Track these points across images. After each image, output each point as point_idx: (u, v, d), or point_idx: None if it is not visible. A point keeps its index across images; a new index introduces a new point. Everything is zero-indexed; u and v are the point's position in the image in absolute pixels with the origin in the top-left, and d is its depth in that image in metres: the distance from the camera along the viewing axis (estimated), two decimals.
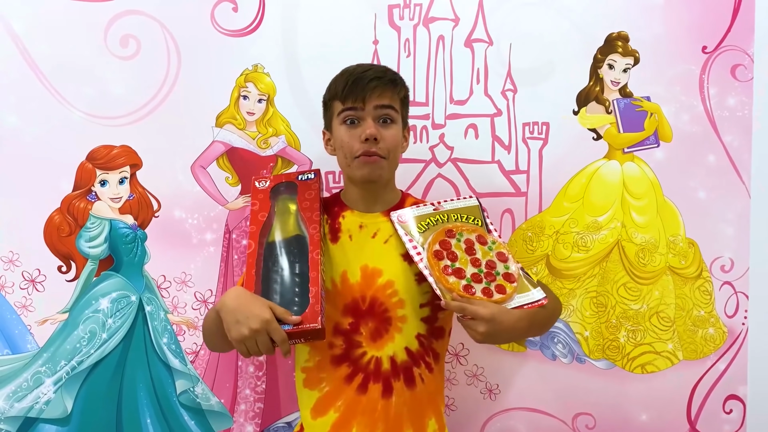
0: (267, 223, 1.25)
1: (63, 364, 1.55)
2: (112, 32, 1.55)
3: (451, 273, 1.16)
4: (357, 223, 1.30)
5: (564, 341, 1.64)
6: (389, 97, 1.25)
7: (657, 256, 1.62)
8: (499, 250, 1.23)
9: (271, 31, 1.57)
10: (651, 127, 1.61)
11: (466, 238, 1.23)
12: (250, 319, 1.05)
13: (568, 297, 1.65)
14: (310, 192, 1.29)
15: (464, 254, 1.20)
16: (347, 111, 1.24)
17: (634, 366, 1.64)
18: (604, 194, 1.62)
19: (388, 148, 1.25)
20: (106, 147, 1.56)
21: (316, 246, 1.20)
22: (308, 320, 1.08)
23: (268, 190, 1.30)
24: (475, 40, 1.60)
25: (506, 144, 1.61)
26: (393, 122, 1.26)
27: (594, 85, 1.61)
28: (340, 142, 1.26)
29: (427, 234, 1.23)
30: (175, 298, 1.59)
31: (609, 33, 1.60)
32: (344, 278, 1.26)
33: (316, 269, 1.17)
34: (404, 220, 1.25)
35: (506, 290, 1.16)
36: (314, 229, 1.23)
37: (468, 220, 1.27)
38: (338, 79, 1.27)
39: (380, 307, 1.25)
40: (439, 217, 1.26)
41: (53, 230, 1.56)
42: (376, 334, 1.25)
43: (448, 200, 1.30)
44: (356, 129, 1.24)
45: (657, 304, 1.63)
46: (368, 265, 1.27)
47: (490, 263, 1.20)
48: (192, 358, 1.60)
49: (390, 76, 1.27)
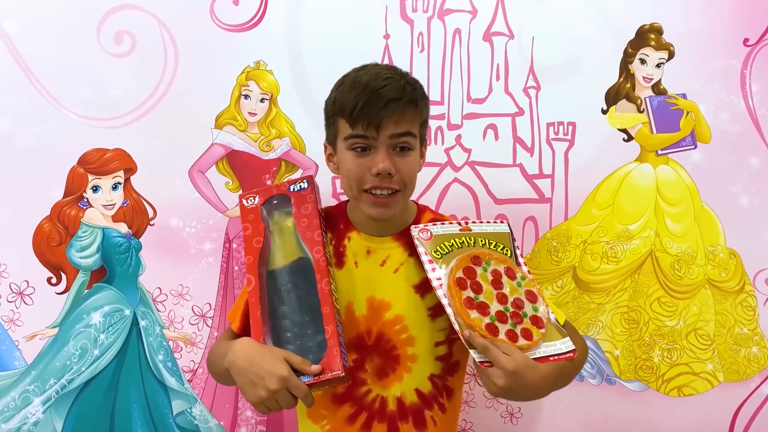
0: (264, 248, 1.12)
1: (52, 383, 1.51)
2: (105, 28, 1.50)
3: (474, 307, 1.03)
4: (364, 247, 1.17)
5: (592, 361, 1.57)
6: (409, 122, 1.08)
7: (694, 267, 1.56)
8: (528, 288, 1.09)
9: (275, 25, 1.52)
10: (687, 127, 1.56)
11: (494, 268, 1.09)
12: (265, 379, 0.96)
13: (596, 312, 1.57)
14: (306, 206, 1.13)
15: (490, 287, 1.07)
16: (356, 138, 1.07)
17: (670, 388, 1.57)
18: (636, 200, 1.56)
19: (405, 180, 1.10)
20: (98, 150, 1.52)
21: (323, 273, 1.08)
22: (329, 368, 0.99)
23: (259, 208, 1.14)
24: (495, 33, 1.54)
25: (529, 146, 1.56)
26: (411, 149, 1.10)
27: (624, 82, 1.55)
28: (345, 170, 1.11)
29: (451, 257, 1.09)
30: (171, 312, 1.54)
31: (641, 25, 1.55)
32: (349, 310, 1.15)
33: (328, 302, 1.05)
34: (426, 236, 1.11)
35: (533, 336, 1.03)
36: (318, 252, 1.09)
37: (497, 249, 1.12)
38: (346, 93, 1.07)
39: (387, 343, 1.13)
40: (466, 239, 1.12)
41: (42, 239, 1.51)
42: (381, 372, 1.13)
43: (476, 221, 1.15)
44: (366, 158, 1.08)
45: (695, 320, 1.56)
46: (375, 296, 1.14)
47: (517, 302, 1.07)
48: (189, 377, 1.55)
49: (410, 94, 1.07)
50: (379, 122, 1.05)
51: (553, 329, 1.07)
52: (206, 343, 1.55)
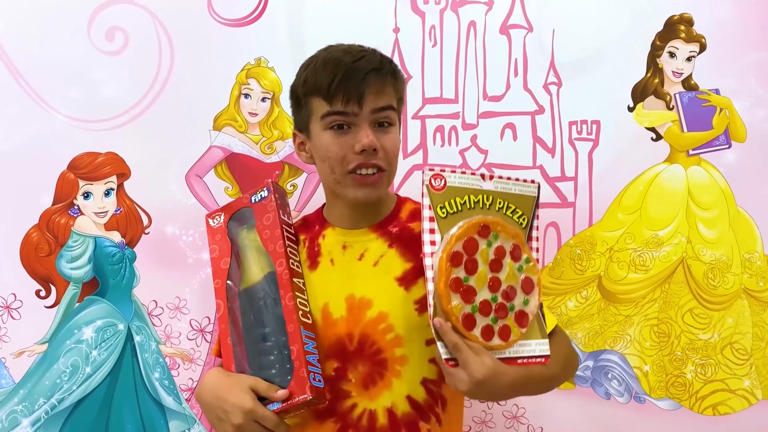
0: (235, 269, 1.10)
1: (42, 402, 1.48)
2: (96, 24, 1.48)
3: (460, 291, 0.93)
4: (340, 242, 1.12)
5: (620, 377, 1.52)
6: (389, 95, 1.05)
7: (730, 276, 1.52)
8: (528, 275, 0.99)
9: (277, 19, 1.50)
10: (721, 125, 1.52)
11: (499, 245, 0.97)
12: (230, 414, 0.96)
13: (624, 325, 1.52)
14: (267, 216, 1.10)
15: (486, 268, 0.95)
16: (335, 115, 1.03)
17: (704, 407, 1.52)
18: (666, 204, 1.52)
19: (389, 158, 1.06)
20: (89, 154, 1.50)
21: (286, 288, 1.04)
22: (296, 392, 0.97)
23: (225, 227, 1.13)
24: (513, 26, 1.51)
25: (550, 146, 1.52)
26: (392, 125, 1.07)
27: (652, 77, 1.52)
28: (324, 152, 1.06)
29: (457, 219, 0.95)
30: (168, 326, 1.51)
31: (669, 16, 1.51)
32: (326, 313, 1.07)
33: (293, 319, 1.01)
34: (439, 185, 0.94)
35: (510, 336, 0.96)
36: (281, 265, 1.05)
37: (514, 215, 1.00)
38: (319, 71, 1.04)
39: (372, 346, 1.05)
40: (483, 198, 0.97)
41: (30, 249, 1.49)
42: (368, 381, 1.04)
43: (504, 177, 0.99)
44: (348, 136, 1.04)
45: (730, 333, 1.52)
46: (354, 294, 1.07)
47: (509, 291, 0.97)
48: (188, 396, 1.52)
49: (388, 66, 1.06)
50: (360, 95, 1.01)
51: (535, 327, 0.99)
52: (205, 360, 1.51)
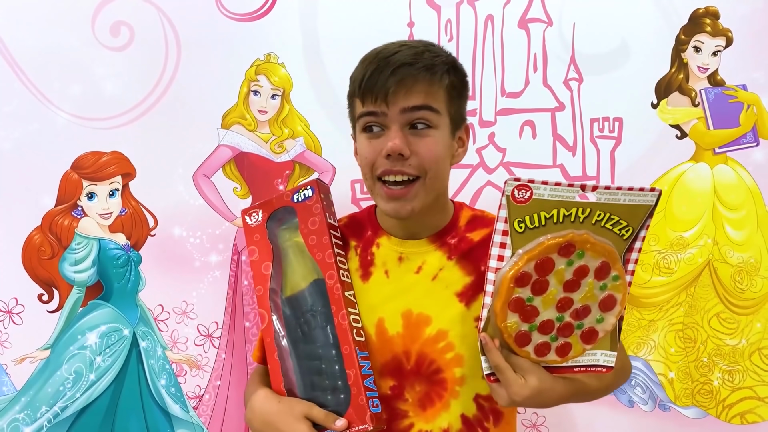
0: (276, 274, 1.02)
1: (44, 411, 1.47)
2: (100, 19, 1.46)
3: (519, 310, 0.87)
4: (396, 253, 1.05)
5: (644, 384, 1.49)
6: (424, 93, 0.95)
7: (758, 279, 1.49)
8: (611, 293, 0.91)
9: (287, 14, 1.47)
10: (748, 122, 1.49)
11: (582, 264, 0.89)
12: None
13: (648, 330, 1.49)
14: (313, 219, 1.01)
15: (559, 288, 0.89)
16: (367, 116, 0.97)
17: (732, 415, 1.49)
18: (691, 205, 1.49)
19: (423, 165, 0.96)
20: (93, 154, 1.48)
21: (339, 305, 0.97)
22: (355, 421, 0.92)
23: (264, 226, 1.04)
24: (532, 19, 1.48)
25: (570, 144, 1.49)
26: (431, 127, 0.97)
27: (677, 72, 1.49)
28: (361, 157, 1.01)
29: (535, 235, 0.87)
30: (174, 332, 1.49)
31: (694, 9, 1.48)
32: (381, 329, 1.01)
33: (348, 340, 0.95)
34: (523, 198, 0.85)
35: (569, 353, 0.91)
36: (331, 277, 0.98)
37: (615, 228, 0.90)
38: (358, 68, 1.01)
39: (430, 366, 1.00)
40: (577, 211, 0.86)
41: (33, 252, 1.48)
42: (426, 401, 1.00)
43: (612, 187, 0.85)
44: (379, 139, 0.97)
45: (759, 338, 1.49)
46: (412, 310, 1.01)
47: (582, 310, 0.90)
48: (195, 404, 1.50)
49: (426, 60, 0.96)
50: (386, 92, 0.93)
51: (606, 341, 0.93)
52: (213, 367, 1.48)
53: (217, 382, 1.47)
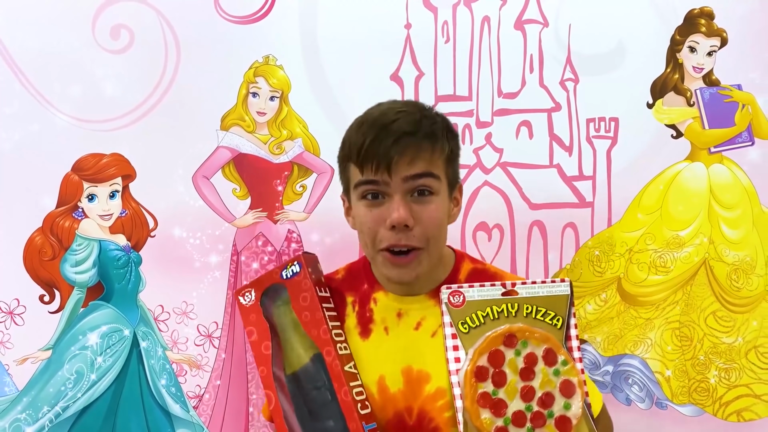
0: (276, 351, 1.02)
1: (46, 411, 1.48)
2: (101, 22, 1.48)
3: (489, 405, 0.92)
4: (394, 309, 1.03)
5: (641, 382, 1.50)
6: (427, 161, 0.94)
7: (754, 278, 1.51)
8: (567, 378, 0.96)
9: (285, 15, 1.49)
10: (743, 122, 1.51)
11: (530, 351, 0.95)
12: None
13: (644, 328, 1.51)
14: (304, 295, 1.01)
15: (516, 378, 0.94)
16: (366, 185, 0.95)
17: (728, 413, 1.51)
18: (687, 204, 1.51)
19: (427, 234, 0.96)
20: (94, 156, 1.49)
21: (340, 381, 0.97)
22: None
23: (258, 305, 1.03)
24: (528, 20, 1.50)
25: (567, 144, 1.50)
26: (433, 194, 0.96)
27: (672, 73, 1.50)
28: (360, 224, 0.99)
29: (480, 333, 0.96)
30: (174, 332, 1.50)
31: (689, 9, 1.50)
32: (382, 386, 1.01)
33: (354, 417, 0.95)
34: (458, 302, 0.97)
35: None
36: (329, 354, 0.99)
37: (545, 318, 0.98)
38: (353, 133, 0.97)
39: (430, 423, 0.99)
40: (507, 307, 0.97)
41: (34, 253, 1.48)
42: None
43: (528, 282, 0.98)
44: (381, 208, 0.95)
45: (755, 336, 1.50)
46: (412, 366, 1.00)
47: (546, 398, 0.94)
48: (195, 403, 1.50)
49: (426, 128, 0.95)
50: (389, 161, 0.92)
51: (584, 427, 0.95)
52: (213, 366, 1.49)
53: (217, 381, 1.48)
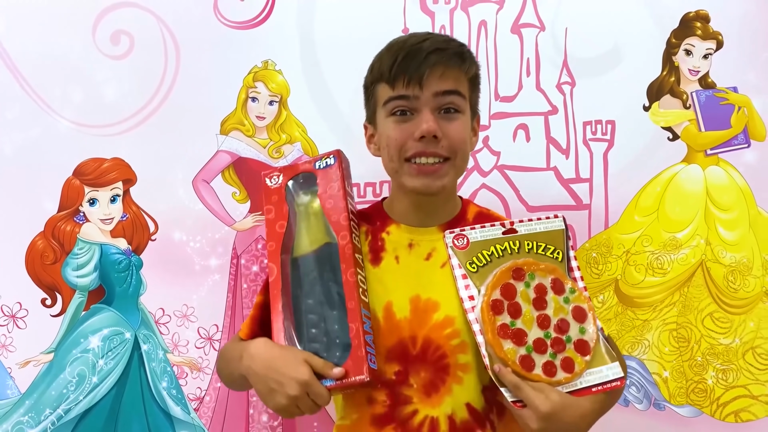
0: (288, 233, 1.06)
1: (48, 413, 1.47)
2: (101, 28, 1.47)
3: (510, 336, 0.94)
4: (406, 240, 1.07)
5: (638, 383, 1.50)
6: (454, 78, 1.00)
7: (751, 279, 1.50)
8: (577, 304, 0.99)
9: (284, 20, 1.48)
10: (739, 124, 1.50)
11: (539, 282, 0.98)
12: (285, 386, 0.92)
13: (642, 330, 1.50)
14: (332, 185, 1.05)
15: (531, 308, 0.97)
16: (397, 100, 1.00)
17: (726, 413, 1.50)
18: (684, 206, 1.50)
19: (454, 147, 1.01)
20: (95, 160, 1.49)
21: (349, 263, 1.00)
22: (352, 371, 0.94)
23: (283, 188, 1.08)
24: (524, 24, 1.49)
25: (564, 147, 1.50)
26: (459, 112, 1.02)
27: (668, 75, 1.50)
28: (386, 140, 1.03)
29: (488, 270, 0.99)
30: (175, 335, 1.50)
31: (685, 12, 1.49)
32: (389, 312, 1.02)
33: (354, 296, 0.98)
34: (462, 244, 1.00)
35: (575, 367, 0.94)
36: (344, 238, 1.01)
37: (546, 252, 1.02)
38: (384, 55, 1.03)
39: (436, 351, 1.01)
40: (509, 244, 1.01)
41: (36, 257, 1.48)
42: (430, 387, 1.00)
43: (525, 219, 1.04)
44: (409, 123, 1.00)
45: (752, 337, 1.49)
46: (420, 295, 1.02)
47: (561, 324, 0.97)
48: (196, 405, 1.50)
49: (455, 47, 1.01)
50: (420, 76, 0.97)
51: (601, 352, 0.97)
52: (213, 369, 1.49)
53: (217, 383, 1.48)
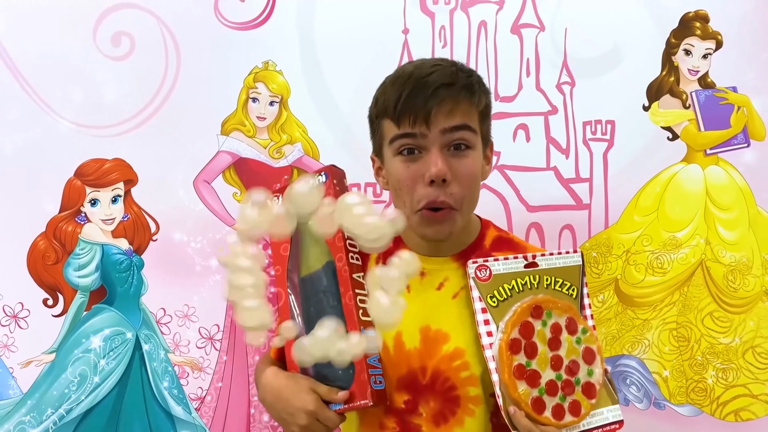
0: (293, 254, 1.04)
1: (50, 413, 1.47)
2: (102, 29, 1.48)
3: (525, 377, 0.94)
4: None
5: (638, 383, 1.50)
6: (463, 113, 0.94)
7: (750, 278, 1.50)
8: (587, 346, 0.99)
9: (284, 21, 1.49)
10: (739, 124, 1.50)
11: (554, 321, 0.98)
12: (295, 416, 0.94)
13: (642, 329, 1.50)
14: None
15: (546, 349, 0.96)
16: (403, 138, 0.94)
17: (726, 413, 1.50)
18: (684, 205, 1.50)
19: (463, 193, 0.96)
20: (96, 161, 1.49)
21: (346, 286, 0.98)
22: (357, 396, 0.95)
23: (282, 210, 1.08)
24: (524, 25, 1.49)
25: (564, 147, 1.50)
26: (470, 147, 0.96)
27: (668, 75, 1.50)
28: (395, 182, 0.98)
29: (508, 305, 0.97)
30: (176, 335, 1.50)
31: (684, 12, 1.49)
32: (399, 342, 1.01)
33: (353, 320, 0.96)
34: (485, 276, 0.98)
35: (581, 410, 0.95)
36: (340, 260, 1.00)
37: (563, 289, 1.01)
38: (389, 88, 0.96)
39: (445, 383, 1.00)
40: (530, 279, 0.99)
41: (38, 258, 1.48)
42: (440, 418, 0.99)
43: (546, 254, 1.01)
44: (417, 163, 0.95)
45: (752, 336, 1.49)
46: (430, 326, 1.01)
47: (572, 365, 0.97)
48: (197, 405, 1.50)
49: (464, 79, 0.94)
50: (427, 113, 0.91)
51: (604, 395, 0.99)
52: (214, 369, 1.50)
53: (218, 383, 1.48)
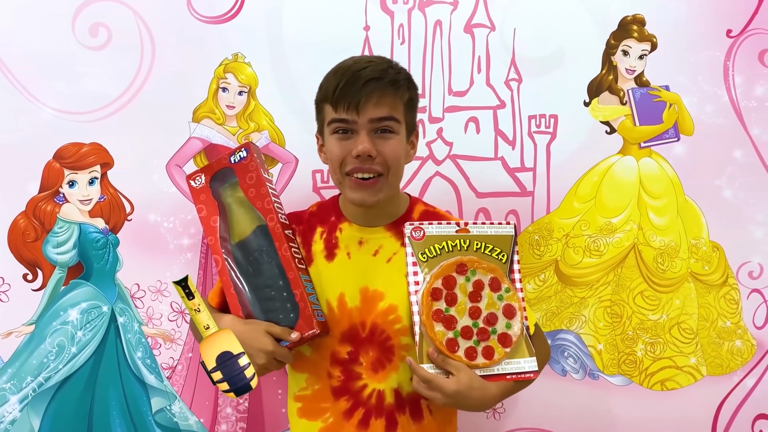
0: (223, 225, 1.15)
1: (29, 381, 1.50)
2: (80, 20, 1.48)
3: (441, 320, 1.05)
4: (356, 238, 1.17)
5: (575, 355, 1.56)
6: (389, 106, 1.08)
7: (678, 261, 1.55)
8: (509, 303, 1.09)
9: (253, 16, 1.50)
10: (670, 120, 1.54)
11: (477, 278, 1.08)
12: (255, 357, 1.05)
13: (579, 306, 1.56)
14: (250, 175, 1.14)
15: (466, 299, 1.07)
16: (338, 122, 1.09)
17: (653, 382, 1.56)
18: (619, 193, 1.55)
19: (387, 163, 1.10)
20: (74, 145, 1.50)
21: (281, 240, 1.10)
22: (304, 329, 1.07)
23: (208, 186, 1.16)
24: (476, 25, 1.52)
25: (510, 139, 1.54)
26: (393, 133, 1.11)
27: (607, 74, 1.54)
28: (330, 155, 1.13)
29: (436, 261, 1.09)
30: (150, 308, 1.53)
31: (623, 16, 1.54)
32: (341, 302, 1.14)
33: (291, 267, 1.09)
34: (419, 236, 1.10)
35: (494, 355, 1.06)
36: (272, 220, 1.12)
37: (492, 254, 1.11)
38: (330, 78, 1.11)
39: (381, 334, 1.13)
40: (460, 242, 1.10)
41: (18, 235, 1.50)
42: (377, 365, 1.13)
43: (478, 222, 1.12)
44: (349, 141, 1.09)
45: (678, 314, 1.55)
46: (368, 287, 1.14)
47: (490, 317, 1.07)
48: (169, 374, 1.53)
49: (391, 75, 1.09)
50: (357, 102, 1.06)
51: (523, 346, 1.08)
52: (185, 340, 1.54)
53: (189, 354, 1.52)
